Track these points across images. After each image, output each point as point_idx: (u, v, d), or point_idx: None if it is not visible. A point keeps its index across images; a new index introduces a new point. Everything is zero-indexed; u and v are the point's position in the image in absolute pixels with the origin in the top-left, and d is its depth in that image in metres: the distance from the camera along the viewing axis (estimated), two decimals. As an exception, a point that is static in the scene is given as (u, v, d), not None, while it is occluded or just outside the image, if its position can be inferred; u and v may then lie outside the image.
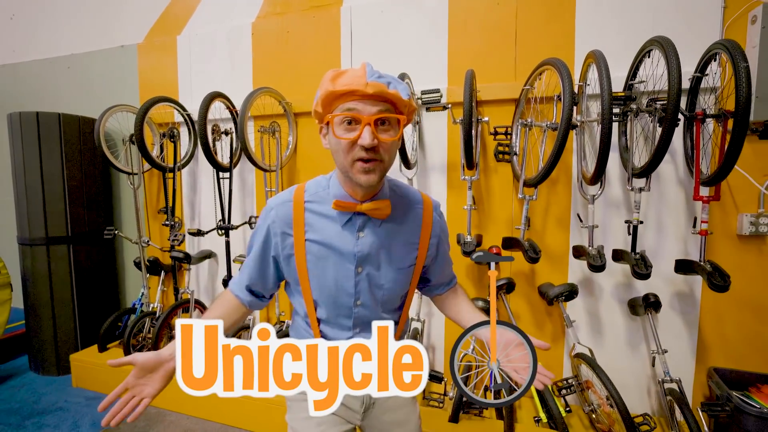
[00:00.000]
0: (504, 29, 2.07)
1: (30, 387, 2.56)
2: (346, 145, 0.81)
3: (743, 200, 1.83)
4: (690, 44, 1.77)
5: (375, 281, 0.94)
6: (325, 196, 0.92)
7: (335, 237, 0.91)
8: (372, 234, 0.92)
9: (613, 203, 1.98)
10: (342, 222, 0.91)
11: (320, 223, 0.92)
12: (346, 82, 0.78)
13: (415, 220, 0.97)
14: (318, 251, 0.91)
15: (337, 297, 0.94)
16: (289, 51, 2.48)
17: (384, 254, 0.94)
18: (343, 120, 0.80)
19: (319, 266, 0.92)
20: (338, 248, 0.91)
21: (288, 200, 0.92)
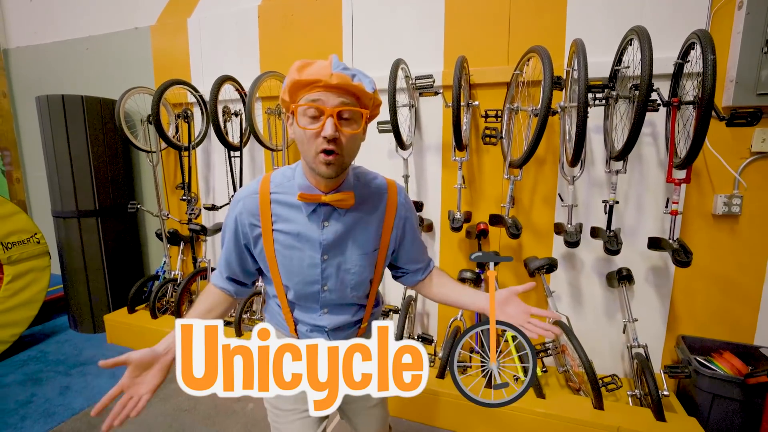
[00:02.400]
0: (498, 15, 2.14)
1: (72, 342, 2.91)
2: (310, 136, 0.82)
3: (720, 182, 1.93)
4: (677, 29, 1.83)
5: (341, 267, 0.97)
6: (291, 187, 0.94)
7: (301, 226, 0.94)
8: (336, 222, 0.94)
9: (596, 183, 2.10)
10: (307, 212, 0.93)
11: (286, 213, 0.94)
12: (312, 72, 0.79)
13: (380, 206, 1.00)
14: (285, 240, 0.94)
15: (304, 283, 0.98)
16: (293, 35, 2.58)
17: (349, 241, 0.97)
18: (306, 110, 0.81)
19: (286, 255, 0.95)
20: (304, 237, 0.94)
21: (254, 192, 0.94)
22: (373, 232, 0.99)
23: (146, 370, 0.85)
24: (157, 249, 3.40)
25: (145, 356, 0.84)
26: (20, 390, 2.32)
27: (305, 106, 0.81)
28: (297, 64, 0.81)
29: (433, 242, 2.46)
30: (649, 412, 1.78)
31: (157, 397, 2.22)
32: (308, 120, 0.82)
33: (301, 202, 0.92)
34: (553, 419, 1.80)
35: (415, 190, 2.43)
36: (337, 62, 0.81)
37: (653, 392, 1.76)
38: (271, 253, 0.96)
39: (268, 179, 0.96)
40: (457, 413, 1.97)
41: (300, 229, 0.94)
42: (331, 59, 0.81)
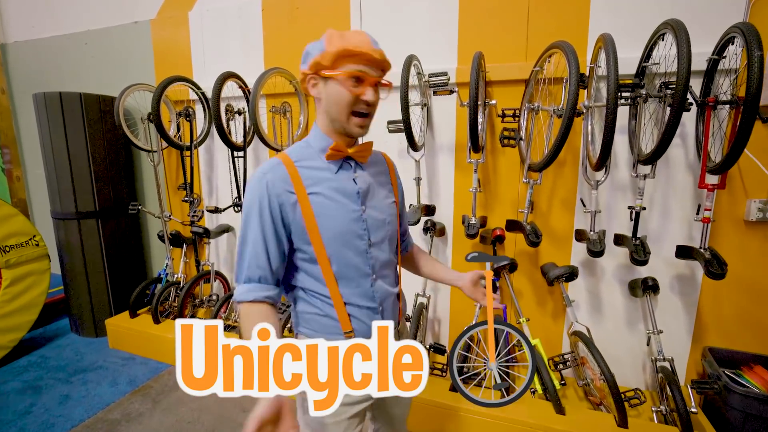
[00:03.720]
0: (516, 7, 2.01)
1: (73, 347, 2.84)
2: (351, 99, 0.90)
3: (753, 186, 1.82)
4: (711, 23, 1.71)
5: (378, 216, 1.01)
6: (311, 153, 0.98)
7: (336, 182, 0.96)
8: (363, 174, 1.01)
9: (619, 187, 1.99)
10: (336, 169, 0.97)
11: (317, 175, 0.96)
12: (357, 43, 0.87)
13: (383, 165, 1.11)
14: (323, 201, 0.94)
15: (350, 242, 0.96)
16: (298, 28, 2.47)
17: (377, 191, 1.03)
18: (350, 77, 0.88)
19: (328, 215, 0.94)
20: (341, 191, 0.96)
21: (278, 163, 0.94)
22: (387, 185, 1.09)
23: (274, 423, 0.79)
24: (159, 251, 3.32)
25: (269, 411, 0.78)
26: (19, 399, 2.25)
27: (348, 74, 0.88)
28: (335, 33, 0.89)
29: (446, 247, 2.36)
30: (677, 431, 1.68)
31: (160, 409, 2.15)
32: (352, 85, 0.89)
33: (327, 162, 0.97)
34: (574, 437, 1.71)
35: (426, 193, 2.33)
36: (372, 38, 0.91)
37: (681, 409, 1.66)
38: (311, 219, 0.93)
39: (284, 154, 0.97)
40: (474, 428, 1.88)
41: (335, 185, 0.96)
42: (367, 34, 0.91)
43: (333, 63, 0.88)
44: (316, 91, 0.94)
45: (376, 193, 1.03)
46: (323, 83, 0.92)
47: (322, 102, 0.94)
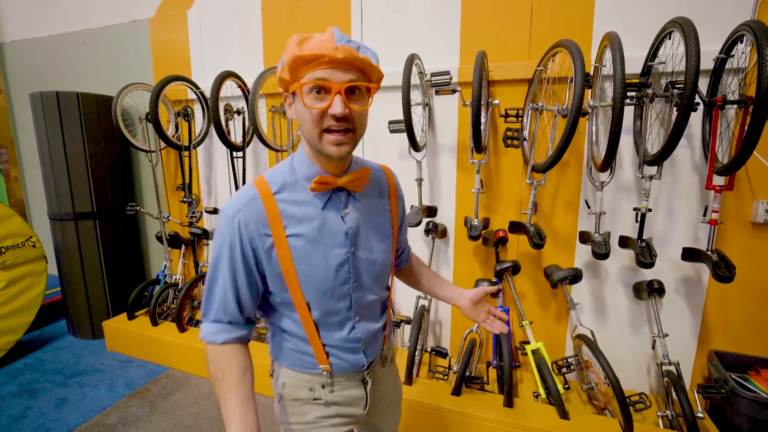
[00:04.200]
0: (519, 5, 1.98)
1: (70, 349, 2.80)
2: (316, 115, 0.74)
3: (761, 187, 1.79)
4: (718, 20, 1.68)
5: (368, 257, 0.89)
6: (295, 182, 0.82)
7: (320, 221, 0.83)
8: (354, 209, 0.86)
9: (624, 188, 1.96)
10: (322, 204, 0.83)
11: (299, 212, 0.81)
12: (314, 45, 0.71)
13: (383, 187, 0.95)
14: (303, 244, 0.81)
15: (333, 288, 0.85)
16: (298, 27, 2.44)
17: (369, 227, 0.89)
18: (312, 88, 0.73)
19: (308, 261, 0.82)
20: (327, 232, 0.83)
21: (254, 197, 0.80)
22: (385, 215, 0.94)
23: None
24: (157, 252, 3.29)
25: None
26: (15, 403, 2.21)
27: (311, 84, 0.72)
28: (295, 38, 0.72)
29: (447, 249, 2.33)
30: (683, 436, 1.65)
31: (158, 413, 2.12)
32: (314, 98, 0.74)
33: (312, 195, 0.82)
34: (579, 443, 1.68)
35: (428, 194, 2.29)
36: (339, 34, 0.73)
37: (688, 414, 1.62)
38: (289, 264, 0.81)
39: (262, 180, 0.82)
40: (475, 433, 1.85)
41: (319, 224, 0.82)
42: (332, 31, 0.73)
43: (292, 74, 0.74)
44: (292, 111, 0.80)
45: (369, 229, 0.89)
46: (294, 99, 0.78)
47: (299, 125, 0.79)
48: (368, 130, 2.46)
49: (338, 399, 0.93)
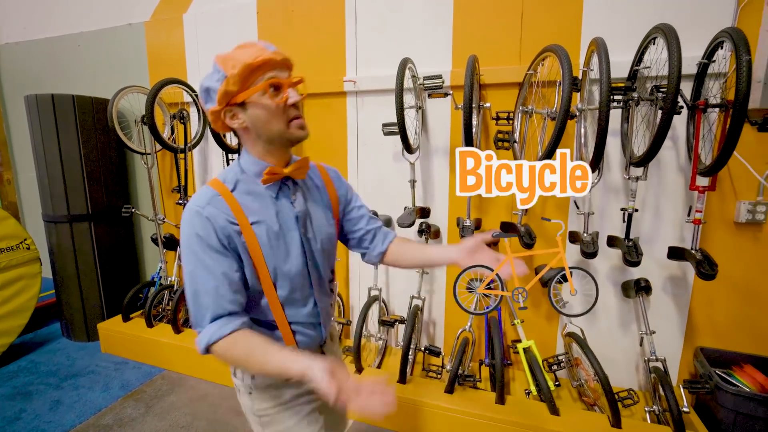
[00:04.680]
0: (510, 11, 2.03)
1: (64, 352, 2.80)
2: (279, 109, 0.85)
3: (743, 188, 1.84)
4: (701, 26, 1.74)
5: (316, 238, 1.00)
6: (246, 179, 0.92)
7: (275, 209, 0.93)
8: (301, 196, 0.99)
9: (612, 189, 2.01)
10: (274, 193, 0.94)
11: (255, 205, 0.91)
12: (255, 53, 0.82)
13: (316, 173, 1.07)
14: (264, 231, 0.90)
15: (294, 267, 0.95)
16: (293, 30, 2.47)
17: (313, 210, 1.01)
18: (267, 89, 0.83)
19: (271, 244, 0.91)
20: (282, 217, 0.94)
21: (215, 194, 0.88)
22: (325, 199, 1.07)
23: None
24: (152, 254, 3.29)
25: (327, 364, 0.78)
26: (8, 405, 2.21)
27: (263, 88, 0.84)
28: (225, 55, 0.84)
29: (440, 249, 2.36)
30: (670, 430, 1.69)
31: (153, 414, 2.13)
32: (272, 95, 0.85)
33: (264, 187, 0.93)
34: (568, 438, 1.72)
35: (421, 195, 2.33)
36: (266, 43, 0.86)
37: (674, 409, 1.67)
38: (257, 249, 0.90)
39: (217, 181, 0.92)
40: (470, 430, 1.88)
41: (275, 211, 0.93)
42: (258, 42, 0.86)
43: (242, 84, 0.82)
44: (238, 122, 0.88)
45: (315, 213, 1.01)
46: (242, 111, 0.86)
47: (249, 129, 0.89)
48: (362, 132, 2.51)
49: None
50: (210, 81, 0.85)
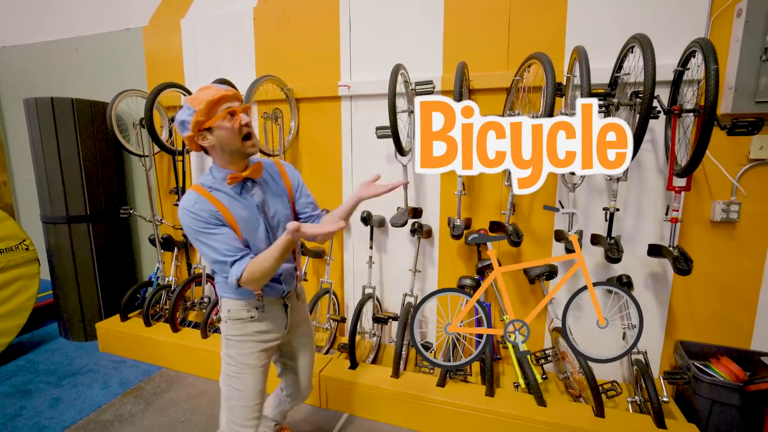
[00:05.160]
0: (498, 19, 2.12)
1: (62, 351, 2.83)
2: (236, 130, 1.19)
3: (717, 188, 1.94)
4: (677, 36, 1.84)
5: (276, 219, 1.35)
6: (216, 183, 1.27)
7: (241, 201, 1.28)
8: (258, 189, 1.32)
9: (595, 190, 2.10)
10: (237, 192, 1.28)
11: (226, 200, 1.26)
12: (213, 93, 1.16)
13: (274, 168, 1.41)
14: (238, 218, 1.25)
15: (260, 239, 1.31)
16: (289, 36, 2.54)
17: (270, 198, 1.34)
18: (224, 118, 1.17)
19: (242, 225, 1.26)
20: (247, 207, 1.28)
21: (198, 197, 1.22)
22: (281, 187, 1.40)
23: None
24: (149, 255, 3.34)
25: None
26: (8, 403, 2.25)
27: (223, 116, 1.17)
28: (192, 97, 1.17)
29: (432, 249, 2.44)
30: (650, 418, 1.78)
31: (153, 410, 2.17)
32: (230, 120, 1.18)
33: (230, 188, 1.27)
34: (554, 428, 1.80)
35: (414, 196, 2.41)
36: (220, 85, 1.22)
37: (653, 399, 1.76)
38: (235, 227, 1.25)
39: (198, 186, 1.25)
40: (459, 423, 1.95)
41: (241, 204, 1.28)
42: (214, 84, 1.21)
43: (207, 114, 1.16)
44: (207, 142, 1.21)
45: (271, 200, 1.35)
46: (209, 133, 1.19)
47: (216, 146, 1.21)
48: (356, 135, 2.59)
49: (267, 317, 1.38)
50: (184, 116, 1.18)
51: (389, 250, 2.56)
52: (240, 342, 1.37)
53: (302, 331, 1.57)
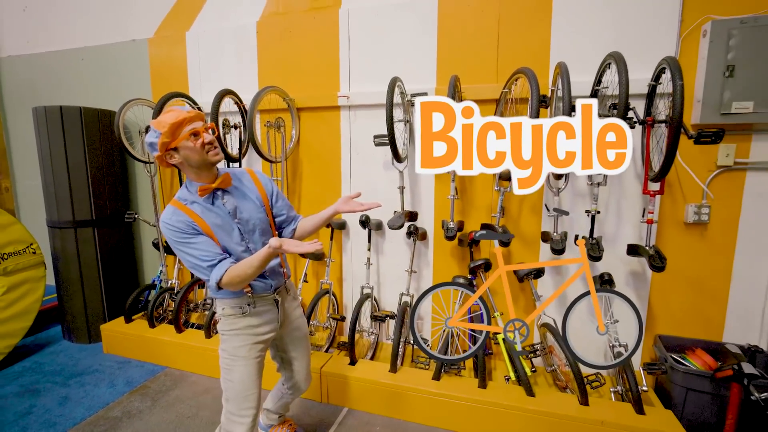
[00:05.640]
0: (487, 35, 2.28)
1: (67, 353, 2.90)
2: (200, 146, 1.30)
3: (690, 193, 2.11)
4: (651, 53, 2.01)
5: (250, 224, 1.46)
6: (190, 195, 1.38)
7: (214, 211, 1.39)
8: (229, 197, 1.43)
9: (579, 194, 2.26)
10: (210, 202, 1.39)
11: (200, 210, 1.37)
12: (175, 116, 1.27)
13: (247, 177, 1.53)
14: (213, 226, 1.38)
15: (235, 243, 1.42)
16: (291, 49, 2.68)
17: (242, 204, 1.45)
18: (189, 137, 1.29)
19: (219, 235, 1.39)
20: (221, 216, 1.40)
21: (175, 210, 1.35)
22: (254, 194, 1.50)
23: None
24: (151, 258, 3.42)
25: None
26: (18, 401, 2.32)
27: (189, 135, 1.29)
28: (158, 121, 1.28)
29: (427, 250, 2.58)
30: (630, 406, 1.92)
31: (160, 407, 2.26)
32: (194, 140, 1.30)
33: (202, 199, 1.38)
34: (542, 416, 1.93)
35: (409, 200, 2.55)
36: (182, 108, 1.46)
37: (633, 388, 1.90)
38: (211, 234, 1.37)
39: (176, 203, 1.38)
40: (453, 414, 2.07)
41: (215, 213, 1.39)
42: (176, 108, 1.36)
43: (173, 136, 1.28)
44: (176, 160, 1.33)
45: (244, 206, 1.45)
46: (176, 153, 1.31)
47: (184, 163, 1.33)
48: (355, 143, 2.76)
49: (259, 312, 1.50)
50: (151, 138, 1.30)
51: (386, 251, 2.69)
52: (233, 336, 1.48)
53: (295, 326, 1.68)
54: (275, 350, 1.72)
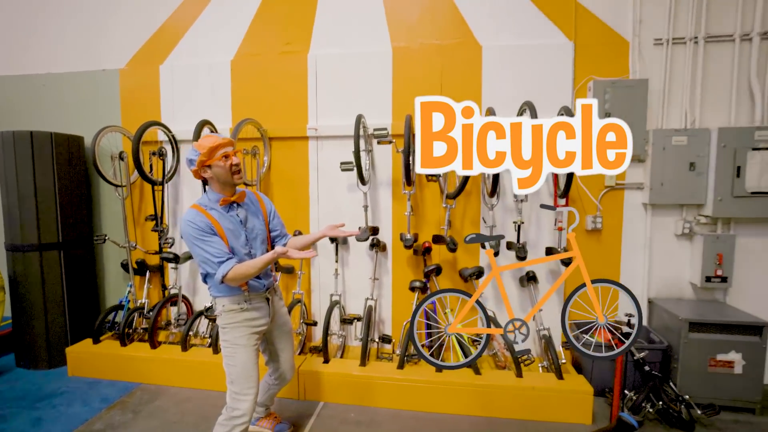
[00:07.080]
0: (432, 81, 2.82)
1: (26, 379, 2.85)
2: (228, 168, 1.67)
3: (588, 206, 2.75)
4: (554, 101, 2.64)
5: (254, 233, 1.81)
6: (211, 204, 1.72)
7: (229, 218, 1.73)
8: (242, 210, 1.79)
9: (508, 209, 2.81)
10: (226, 211, 1.73)
11: (217, 216, 1.70)
12: (212, 141, 1.65)
13: (254, 198, 1.89)
14: (226, 231, 1.70)
15: (242, 246, 1.75)
16: (263, 86, 3.03)
17: (250, 216, 1.81)
18: (222, 157, 1.66)
19: (231, 238, 1.71)
20: (233, 223, 1.74)
21: (197, 212, 1.66)
22: (259, 212, 1.88)
23: None
24: (114, 280, 3.45)
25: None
26: (-13, 426, 2.30)
27: (221, 157, 1.66)
28: (199, 143, 1.67)
29: (387, 260, 2.98)
30: (553, 375, 2.43)
31: (143, 417, 2.37)
32: (224, 161, 1.67)
33: (221, 208, 1.72)
34: (487, 388, 2.37)
35: (371, 217, 2.95)
36: (218, 134, 1.89)
37: (555, 362, 2.42)
38: (224, 237, 1.69)
39: (198, 207, 1.69)
40: (415, 395, 2.44)
41: (229, 221, 1.74)
42: (214, 134, 1.78)
43: (209, 156, 1.64)
44: (208, 174, 1.69)
45: (250, 217, 1.81)
46: (209, 169, 1.67)
47: (213, 178, 1.69)
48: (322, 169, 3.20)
49: (254, 307, 1.78)
50: (192, 155, 1.67)
51: (350, 263, 3.05)
52: (234, 328, 1.75)
53: (282, 321, 2.01)
54: (265, 344, 1.99)
